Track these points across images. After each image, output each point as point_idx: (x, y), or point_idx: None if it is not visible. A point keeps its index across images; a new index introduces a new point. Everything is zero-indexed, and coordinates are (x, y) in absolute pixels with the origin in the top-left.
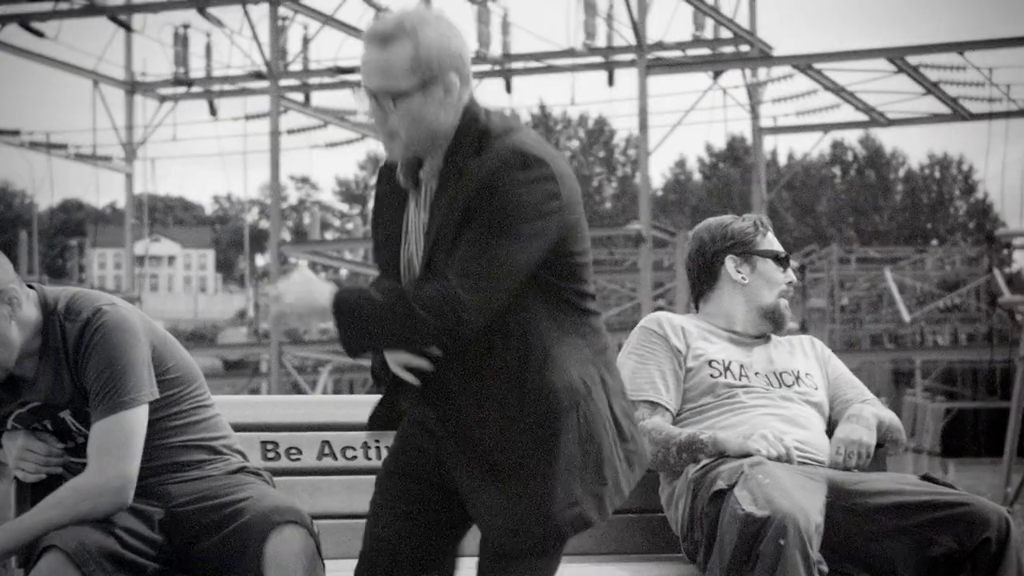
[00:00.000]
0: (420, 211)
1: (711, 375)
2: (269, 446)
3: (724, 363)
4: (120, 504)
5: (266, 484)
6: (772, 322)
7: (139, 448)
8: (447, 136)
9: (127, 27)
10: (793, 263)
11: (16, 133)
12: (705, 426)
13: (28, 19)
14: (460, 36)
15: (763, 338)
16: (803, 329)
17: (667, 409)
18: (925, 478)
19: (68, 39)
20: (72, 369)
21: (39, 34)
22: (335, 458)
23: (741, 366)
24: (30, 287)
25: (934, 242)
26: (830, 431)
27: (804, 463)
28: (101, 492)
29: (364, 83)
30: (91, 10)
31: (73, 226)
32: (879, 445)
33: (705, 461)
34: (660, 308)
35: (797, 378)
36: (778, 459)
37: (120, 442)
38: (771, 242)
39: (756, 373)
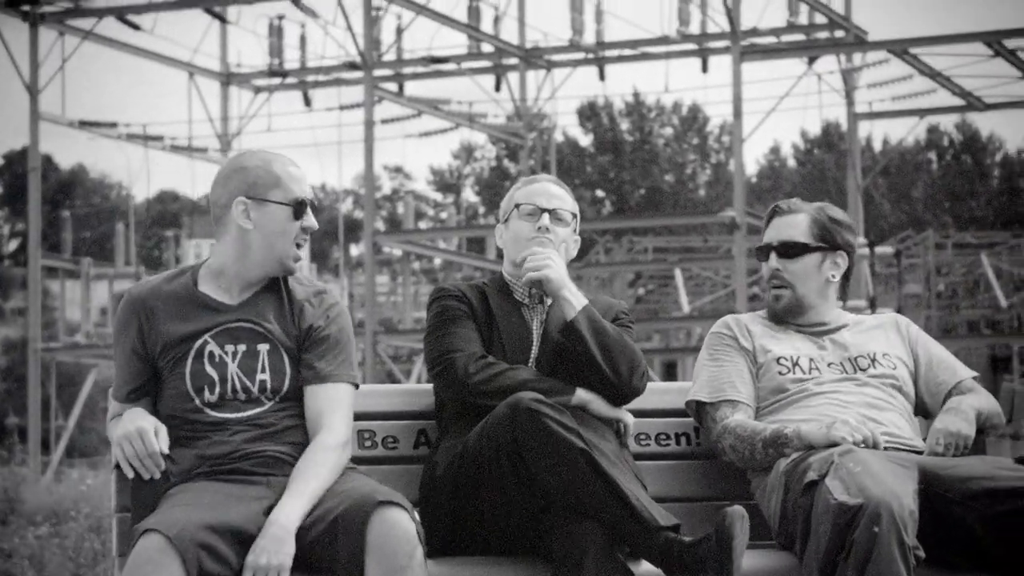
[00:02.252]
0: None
1: (779, 372)
2: (366, 435)
3: (792, 359)
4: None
5: (361, 475)
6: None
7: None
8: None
9: (222, 19)
10: (888, 248)
11: (113, 125)
12: (779, 423)
13: (124, 12)
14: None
15: (835, 328)
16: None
17: (748, 406)
18: (1021, 460)
19: (164, 31)
20: (294, 319)
21: (135, 27)
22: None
23: (811, 360)
24: None
25: None
26: (923, 412)
27: (890, 448)
28: (344, 445)
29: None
30: (186, 2)
31: (169, 217)
32: (979, 432)
33: (795, 455)
34: (755, 295)
35: (873, 360)
36: (863, 444)
37: (346, 406)
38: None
39: (829, 364)
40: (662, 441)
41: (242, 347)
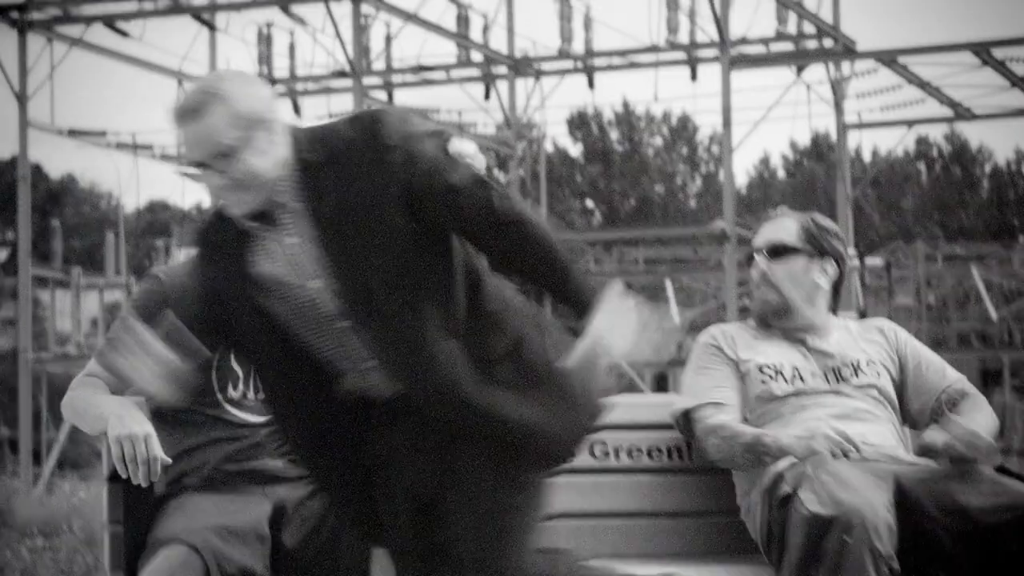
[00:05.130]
0: (279, 248)
1: (762, 381)
2: None
3: (775, 367)
4: None
5: None
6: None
7: None
8: (282, 167)
9: (211, 26)
10: (878, 260)
11: (102, 134)
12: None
13: (112, 19)
14: (260, 82)
15: (821, 333)
16: None
17: (733, 407)
18: (1000, 470)
19: (153, 39)
20: None
21: (124, 34)
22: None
23: (794, 368)
24: None
25: (1021, 238)
26: (911, 421)
27: (870, 459)
28: None
29: (193, 157)
30: (175, 9)
31: (159, 226)
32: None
33: (777, 468)
34: (745, 307)
35: (856, 369)
36: (844, 455)
37: None
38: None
39: (812, 374)
40: (654, 455)
41: None
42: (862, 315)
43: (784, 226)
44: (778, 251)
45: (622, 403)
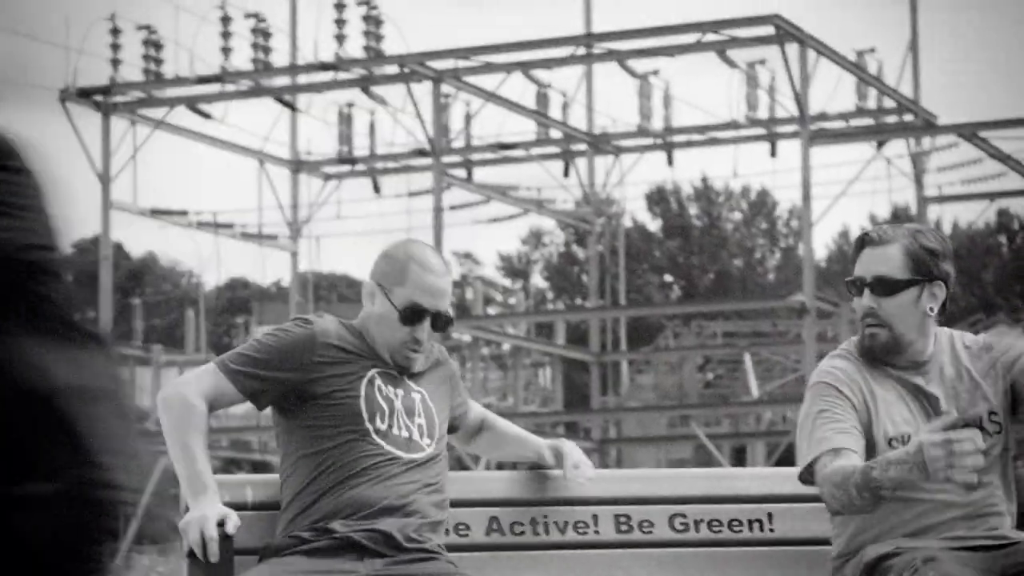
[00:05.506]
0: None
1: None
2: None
3: (901, 438)
4: None
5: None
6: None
7: None
8: None
9: (292, 107)
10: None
11: (184, 213)
12: (885, 524)
13: (195, 101)
14: None
15: (924, 365)
16: None
17: (853, 451)
18: None
19: (235, 120)
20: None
21: (206, 115)
22: (503, 534)
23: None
24: None
25: None
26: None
27: (978, 548)
28: None
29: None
30: (257, 91)
31: (239, 304)
32: None
33: (882, 551)
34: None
35: (980, 426)
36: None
37: None
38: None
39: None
40: (735, 528)
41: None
42: None
43: (889, 256)
44: (885, 286)
45: (703, 476)
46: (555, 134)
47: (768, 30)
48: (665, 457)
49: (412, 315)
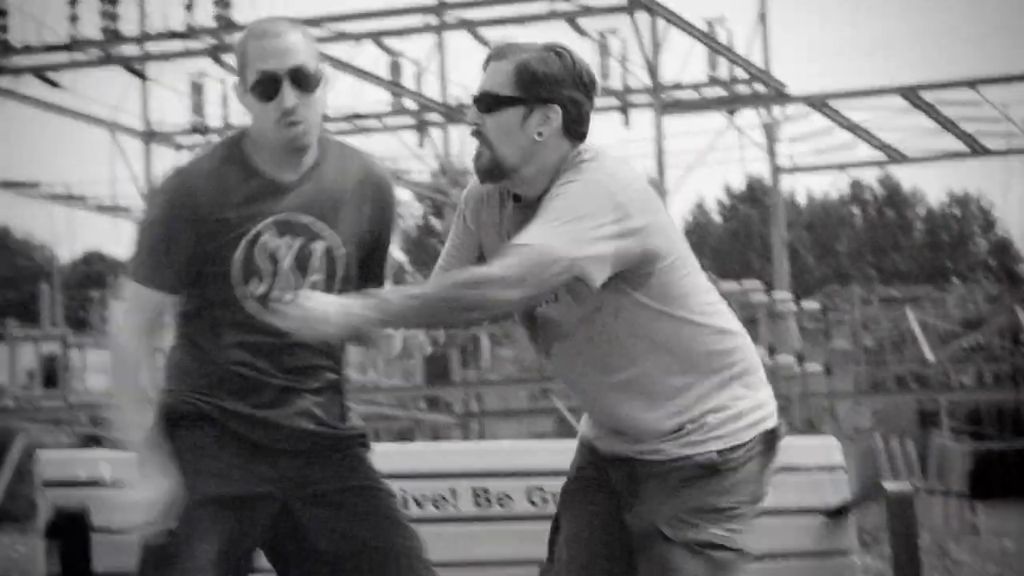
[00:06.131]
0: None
1: None
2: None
3: None
4: None
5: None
6: None
7: None
8: None
9: (142, 76)
10: (815, 303)
11: (36, 185)
12: None
13: (44, 70)
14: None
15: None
16: (827, 371)
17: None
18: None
19: (84, 89)
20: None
21: (55, 84)
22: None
23: None
24: None
25: (955, 280)
26: None
27: None
28: None
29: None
30: (106, 60)
31: (95, 278)
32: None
33: None
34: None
35: None
36: None
37: None
38: None
39: None
40: None
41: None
42: (799, 358)
43: (499, 71)
44: (487, 100)
45: (561, 449)
46: (409, 104)
47: None
48: (527, 431)
49: (265, 85)
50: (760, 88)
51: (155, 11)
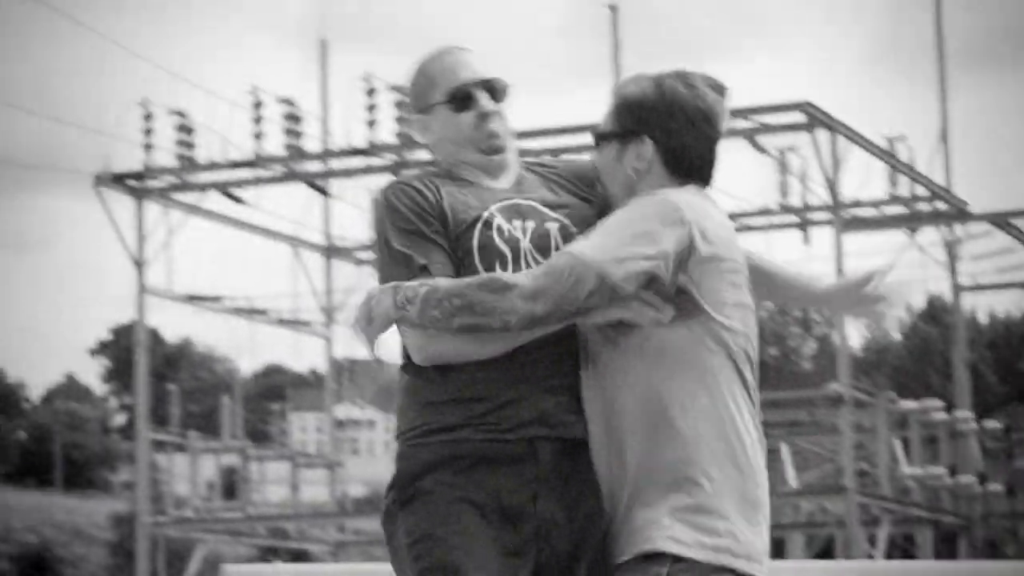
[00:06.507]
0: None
1: None
2: None
3: None
4: None
5: None
6: None
7: None
8: None
9: (325, 192)
10: (997, 423)
11: (219, 299)
12: None
13: (228, 186)
14: None
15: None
16: (1009, 491)
17: None
18: None
19: (268, 205)
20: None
21: (239, 200)
22: None
23: None
24: None
25: None
26: None
27: None
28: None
29: None
30: (289, 176)
31: (275, 390)
32: None
33: None
34: (862, 471)
35: None
36: None
37: None
38: None
39: None
40: None
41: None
42: (981, 478)
43: (608, 105)
44: (595, 137)
45: None
46: None
47: (799, 117)
48: None
49: (461, 96)
50: (941, 206)
51: (337, 128)
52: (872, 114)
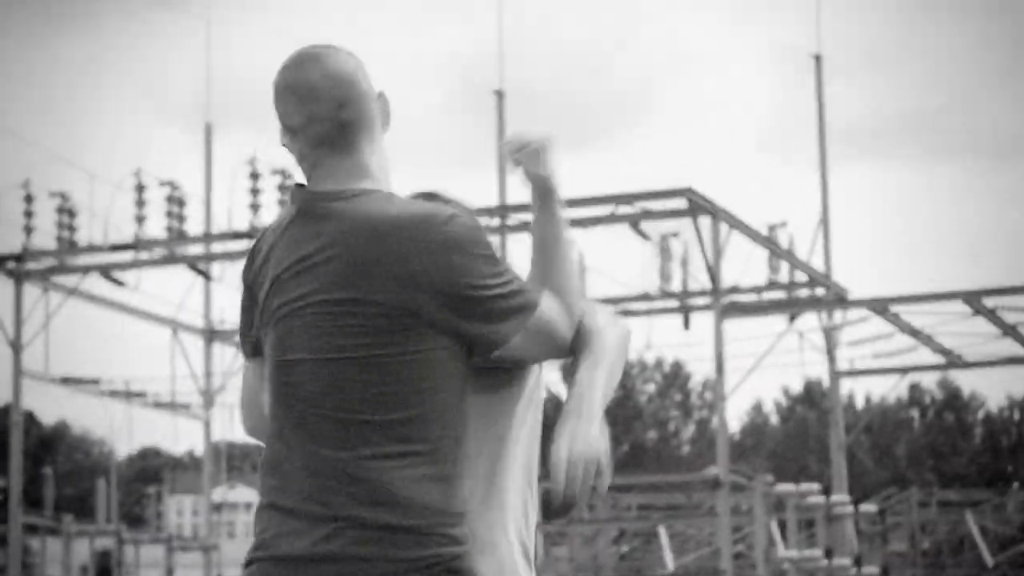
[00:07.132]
0: None
1: None
2: None
3: None
4: None
5: None
6: None
7: None
8: None
9: (206, 275)
10: (872, 506)
11: (96, 382)
12: None
13: (109, 269)
14: None
15: None
16: (884, 574)
17: None
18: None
19: (148, 288)
20: None
21: (120, 283)
22: None
23: None
24: None
25: (1015, 485)
26: None
27: None
28: None
29: None
30: (170, 259)
31: (151, 473)
32: None
33: None
34: (740, 554)
35: None
36: None
37: None
38: None
39: None
40: None
41: None
42: (857, 561)
43: None
44: None
45: None
46: None
47: (681, 203)
48: None
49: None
50: (821, 292)
51: (220, 212)
52: (757, 198)
